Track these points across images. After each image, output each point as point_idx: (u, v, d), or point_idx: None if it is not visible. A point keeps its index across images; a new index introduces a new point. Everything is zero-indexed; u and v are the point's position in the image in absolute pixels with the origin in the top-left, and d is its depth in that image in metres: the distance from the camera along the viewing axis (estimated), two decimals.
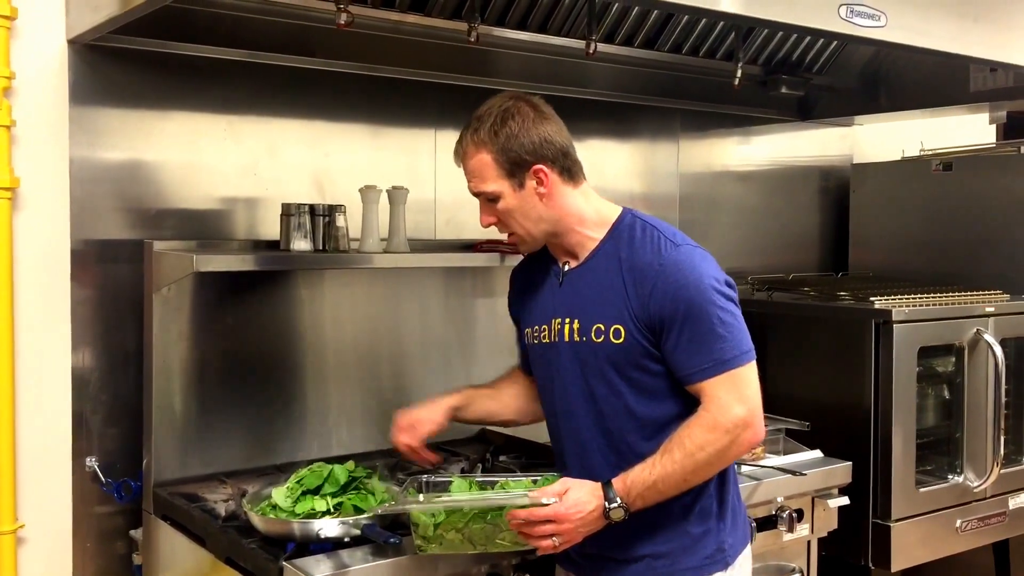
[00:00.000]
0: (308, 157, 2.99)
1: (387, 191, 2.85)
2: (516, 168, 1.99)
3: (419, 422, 2.27)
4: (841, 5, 2.48)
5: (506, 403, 2.36)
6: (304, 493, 2.23)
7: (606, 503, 1.90)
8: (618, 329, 1.97)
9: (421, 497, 2.03)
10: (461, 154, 2.06)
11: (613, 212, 2.08)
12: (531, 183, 2.00)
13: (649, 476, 1.90)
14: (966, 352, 3.41)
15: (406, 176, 3.06)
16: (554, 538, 1.91)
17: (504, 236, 2.16)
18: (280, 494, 2.24)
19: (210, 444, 2.74)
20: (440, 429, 2.29)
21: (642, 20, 3.31)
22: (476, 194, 2.06)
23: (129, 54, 2.68)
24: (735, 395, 1.89)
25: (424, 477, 2.14)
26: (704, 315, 1.90)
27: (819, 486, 2.87)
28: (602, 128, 3.66)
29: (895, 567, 3.21)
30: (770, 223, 4.23)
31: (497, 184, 2.01)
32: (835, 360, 3.36)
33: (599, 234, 2.05)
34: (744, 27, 3.40)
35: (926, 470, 3.42)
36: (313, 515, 2.17)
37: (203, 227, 2.82)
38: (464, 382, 3.21)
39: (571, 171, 2.04)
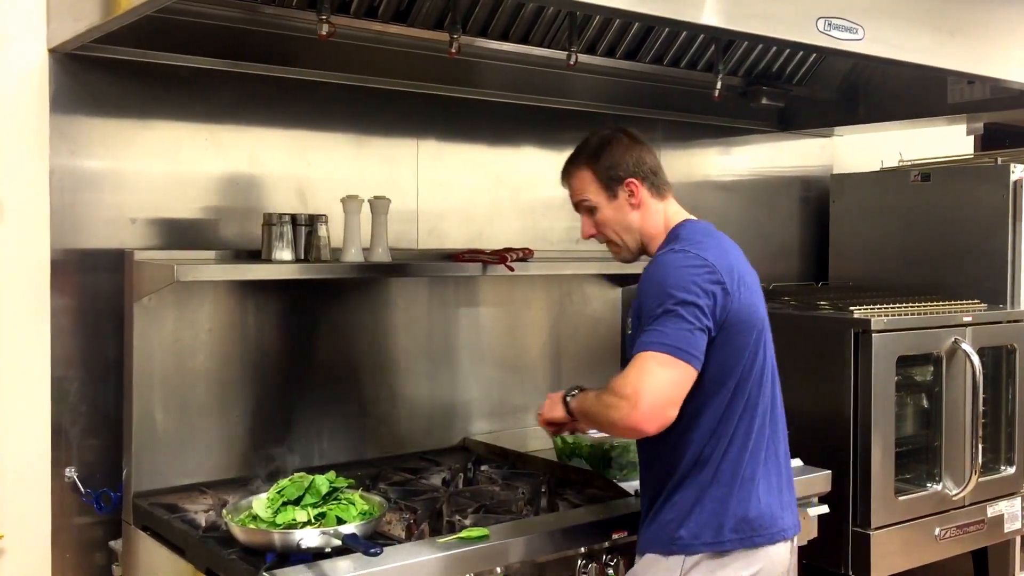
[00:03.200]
0: (290, 167, 2.99)
1: (369, 201, 2.86)
2: (611, 182, 2.29)
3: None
4: (819, 18, 2.51)
5: None
6: (285, 504, 2.22)
7: (567, 392, 2.35)
8: (629, 334, 2.25)
9: None
10: (566, 173, 2.38)
11: (676, 221, 2.31)
12: (624, 194, 2.29)
13: (590, 392, 2.26)
14: (944, 361, 3.44)
15: (388, 186, 3.06)
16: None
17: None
18: (261, 505, 2.24)
19: (190, 454, 2.73)
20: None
21: (623, 32, 3.33)
22: (577, 205, 2.37)
23: (110, 63, 2.68)
24: (635, 375, 2.03)
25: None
26: (644, 312, 2.10)
27: (799, 494, 2.84)
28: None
29: (875, 575, 3.23)
30: (751, 233, 4.25)
31: (596, 196, 2.32)
32: (815, 369, 3.38)
33: (661, 243, 2.31)
34: (724, 39, 3.42)
35: (905, 478, 3.44)
36: (294, 525, 2.17)
37: (184, 237, 2.82)
38: (447, 391, 3.25)
39: (659, 188, 2.32)
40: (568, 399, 2.34)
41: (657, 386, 2.02)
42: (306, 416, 2.96)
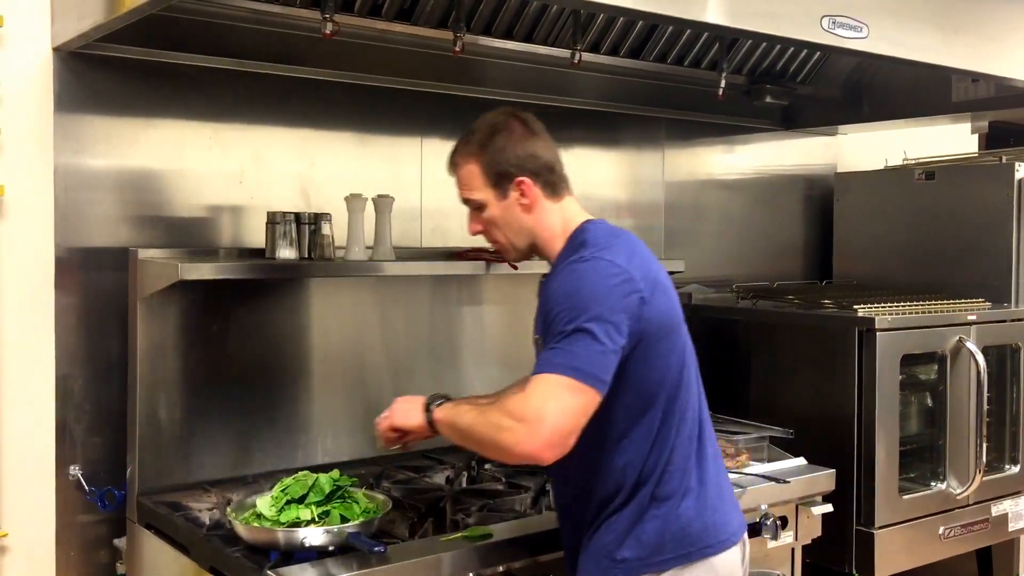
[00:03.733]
0: (294, 165, 2.99)
1: (373, 199, 2.86)
2: (501, 179, 2.07)
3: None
4: (824, 16, 2.51)
5: None
6: (289, 502, 2.23)
7: (429, 400, 2.11)
8: (537, 339, 2.05)
9: None
10: (453, 164, 2.16)
11: (574, 224, 2.11)
12: (514, 194, 2.08)
13: (464, 404, 2.07)
14: (948, 360, 3.43)
15: (392, 184, 3.06)
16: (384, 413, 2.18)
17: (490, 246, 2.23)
18: (265, 503, 2.24)
19: (194, 453, 2.73)
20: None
21: (627, 30, 3.33)
22: (465, 202, 2.15)
23: (115, 62, 2.68)
24: (539, 398, 1.84)
25: None
26: (555, 323, 1.90)
27: (803, 493, 2.88)
28: (587, 137, 3.67)
29: (879, 574, 3.23)
30: (754, 231, 4.26)
31: (483, 193, 2.10)
32: (819, 368, 3.38)
33: (561, 247, 2.10)
34: (728, 38, 3.42)
35: (909, 477, 3.44)
36: (298, 524, 2.17)
37: (188, 235, 2.82)
38: (451, 390, 3.21)
39: (554, 186, 2.11)
40: (432, 407, 2.10)
41: (563, 413, 1.83)
42: (310, 414, 2.96)
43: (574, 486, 2.08)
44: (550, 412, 1.83)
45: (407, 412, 2.13)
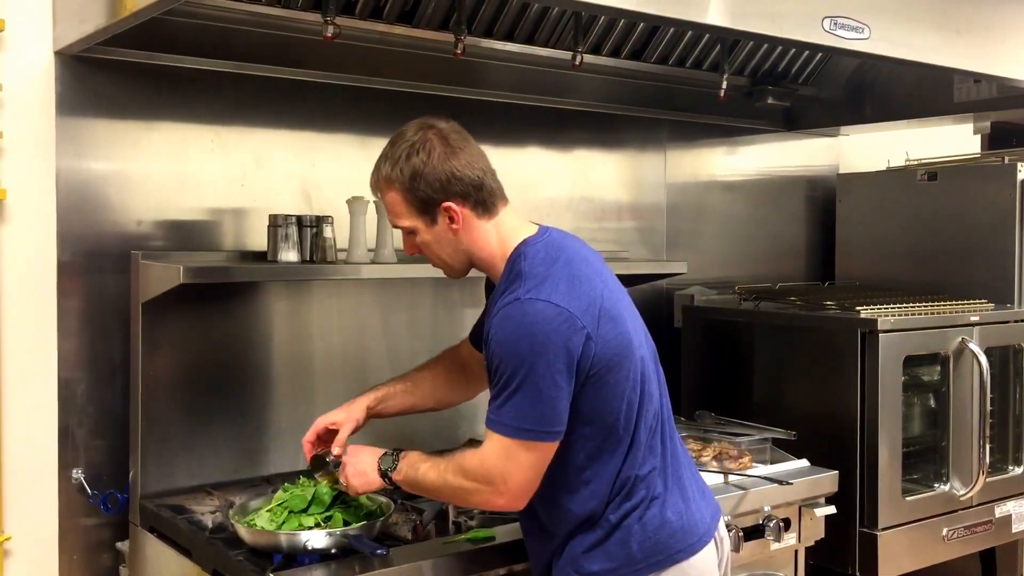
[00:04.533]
0: (295, 168, 2.99)
1: (374, 202, 2.85)
2: (426, 206, 1.98)
3: (339, 424, 2.26)
4: (825, 18, 2.51)
5: (424, 395, 2.40)
6: (291, 513, 2.22)
7: (383, 454, 2.09)
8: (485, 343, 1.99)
9: None
10: (374, 189, 2.07)
11: (512, 244, 2.02)
12: (443, 219, 1.98)
13: (421, 464, 2.02)
14: (951, 361, 3.43)
15: None
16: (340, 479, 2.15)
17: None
18: (264, 519, 2.22)
19: (197, 456, 2.74)
20: (359, 427, 2.30)
21: (628, 32, 3.33)
22: (394, 226, 2.07)
23: (116, 65, 2.68)
24: (499, 462, 1.89)
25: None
26: (497, 368, 1.87)
27: (806, 495, 2.87)
28: (589, 138, 3.67)
29: None
30: (757, 233, 4.25)
31: (411, 220, 2.01)
32: (821, 369, 3.38)
33: (502, 267, 2.03)
34: (730, 39, 3.42)
35: (912, 479, 3.43)
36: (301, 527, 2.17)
37: (190, 238, 2.82)
38: None
39: (485, 204, 2.00)
40: (388, 472, 2.05)
41: (522, 469, 1.88)
42: (313, 416, 2.93)
43: (540, 518, 2.05)
44: (510, 472, 1.88)
45: (365, 478, 2.09)
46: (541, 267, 1.93)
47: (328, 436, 2.26)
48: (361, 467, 2.10)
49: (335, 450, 2.19)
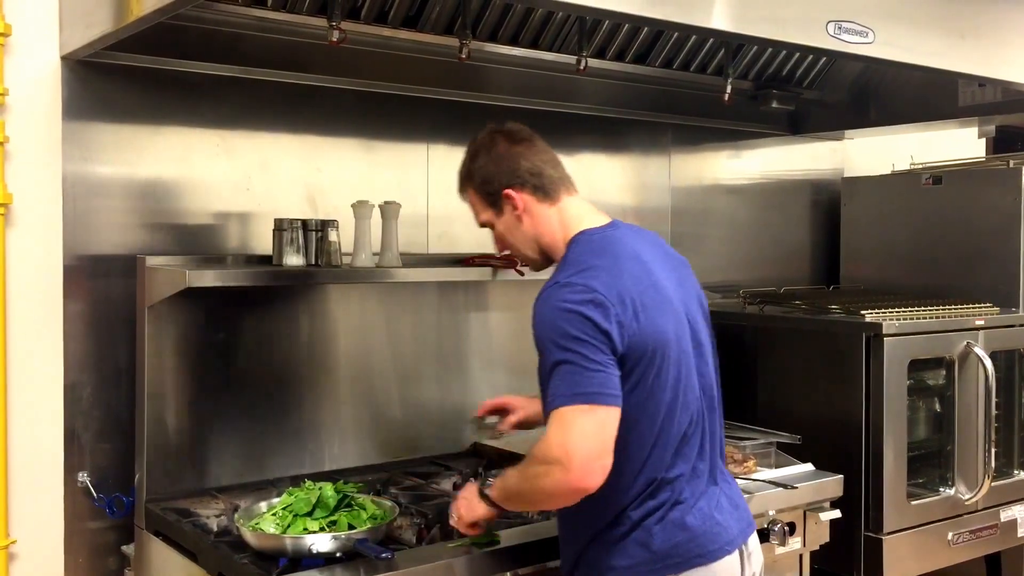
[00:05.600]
0: (301, 172, 3.00)
1: (379, 206, 2.86)
2: (492, 197, 2.13)
3: (514, 408, 2.52)
4: (829, 22, 2.50)
5: None
6: (296, 516, 2.23)
7: (482, 486, 2.15)
8: None
9: None
10: (460, 194, 2.24)
11: (573, 231, 2.10)
12: (507, 207, 2.12)
13: (508, 473, 2.06)
14: (956, 365, 3.42)
15: (398, 191, 3.07)
16: (452, 513, 2.20)
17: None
18: (268, 523, 2.23)
19: (202, 459, 2.74)
20: (526, 421, 2.53)
21: (633, 36, 3.33)
22: (481, 226, 2.22)
23: (122, 70, 2.69)
24: (559, 436, 1.86)
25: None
26: (540, 352, 1.93)
27: (811, 499, 2.87)
28: (594, 142, 3.68)
29: None
30: (761, 236, 4.25)
31: (486, 214, 2.18)
32: (826, 373, 3.37)
33: (563, 253, 2.11)
34: (734, 43, 3.42)
35: (917, 483, 3.42)
36: (305, 531, 2.17)
37: (196, 242, 2.83)
38: (457, 396, 3.24)
39: (545, 190, 2.11)
40: (484, 491, 2.12)
41: (585, 438, 1.85)
42: (317, 420, 2.96)
43: (570, 514, 2.05)
44: (573, 443, 1.84)
45: (470, 506, 2.15)
46: (587, 256, 2.00)
47: (503, 412, 2.52)
48: (467, 496, 2.17)
49: (495, 422, 2.49)
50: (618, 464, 1.92)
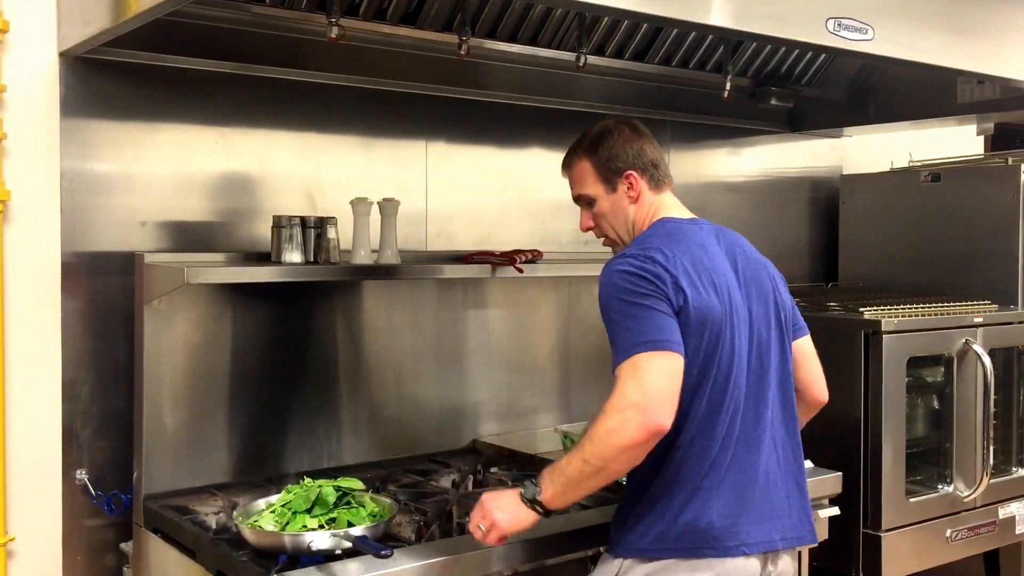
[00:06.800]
0: (299, 169, 2.99)
1: (378, 203, 2.86)
2: (611, 174, 2.24)
3: None
4: (829, 19, 2.50)
5: None
6: (295, 514, 2.23)
7: (523, 488, 2.06)
8: None
9: None
10: (566, 164, 2.34)
11: (657, 218, 2.24)
12: (623, 187, 2.24)
13: (559, 459, 2.03)
14: (955, 362, 3.43)
15: (397, 188, 3.07)
16: (480, 526, 2.08)
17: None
18: (267, 520, 2.23)
19: (201, 456, 2.74)
20: None
21: (632, 33, 3.33)
22: (576, 198, 2.32)
23: (120, 67, 2.69)
24: (632, 380, 1.91)
25: None
26: (607, 316, 2.02)
27: (809, 496, 2.86)
28: None
29: None
30: (760, 234, 4.21)
31: (594, 188, 2.27)
32: (825, 370, 3.34)
33: None
34: (733, 40, 3.42)
35: (916, 480, 3.43)
36: (305, 528, 2.17)
37: (194, 239, 2.82)
38: (456, 393, 3.25)
39: (657, 180, 2.27)
40: (535, 497, 2.02)
41: (656, 377, 1.91)
42: (316, 418, 2.96)
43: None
44: (646, 383, 1.90)
45: (514, 516, 2.05)
46: (656, 238, 2.12)
47: None
48: (507, 507, 2.06)
49: None
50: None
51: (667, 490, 2.04)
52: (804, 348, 2.36)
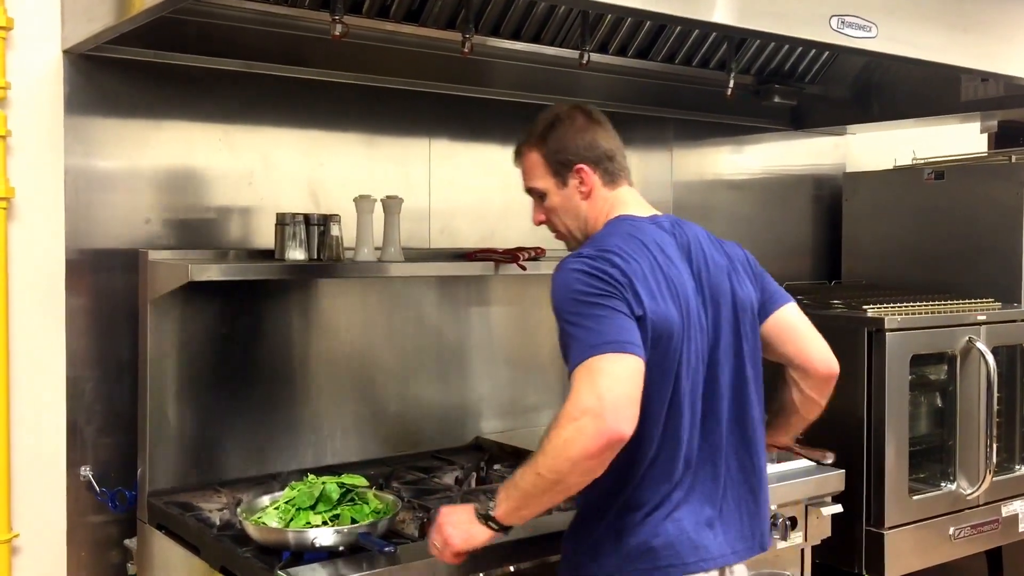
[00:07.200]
0: (303, 166, 3.00)
1: (381, 200, 2.86)
2: (560, 167, 2.11)
3: None
4: (832, 16, 2.50)
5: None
6: (298, 510, 2.23)
7: (478, 505, 1.95)
8: None
9: None
10: (517, 154, 2.21)
11: (614, 215, 2.10)
12: (573, 182, 2.11)
13: (512, 478, 1.90)
14: (958, 360, 3.43)
15: (400, 185, 3.07)
16: (435, 543, 2.00)
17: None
18: (271, 517, 2.23)
19: (205, 453, 2.74)
20: None
21: (635, 30, 3.33)
22: (528, 191, 2.20)
23: (124, 64, 2.69)
24: (588, 385, 1.76)
25: None
26: (560, 318, 1.88)
27: (812, 494, 2.87)
28: None
29: (889, 575, 3.22)
30: (763, 232, 4.25)
31: (544, 181, 2.14)
32: None
33: None
34: (736, 38, 3.42)
35: (919, 478, 3.43)
36: (308, 525, 2.18)
37: (198, 236, 2.83)
38: (459, 391, 3.25)
39: (611, 174, 2.13)
40: (488, 512, 1.91)
41: (618, 383, 1.76)
42: (319, 414, 2.96)
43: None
44: (603, 388, 1.74)
45: (466, 534, 1.95)
46: (614, 237, 1.99)
47: None
48: (460, 523, 1.96)
49: None
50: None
51: (624, 508, 1.93)
52: (787, 319, 2.21)
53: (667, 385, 1.92)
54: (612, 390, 1.75)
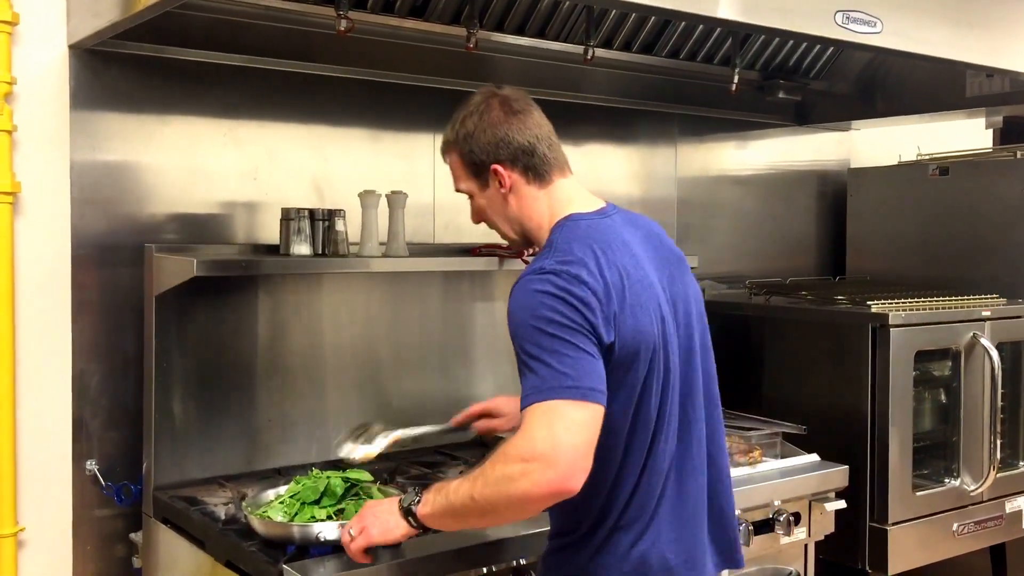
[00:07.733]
0: (308, 161, 3.00)
1: (386, 195, 2.86)
2: (478, 168, 1.95)
3: (497, 413, 2.48)
4: (837, 12, 2.50)
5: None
6: (303, 504, 2.24)
7: (404, 495, 1.91)
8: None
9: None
10: (441, 153, 2.06)
11: (561, 215, 1.92)
12: (494, 183, 1.94)
13: (448, 485, 1.82)
14: (963, 356, 3.42)
15: (405, 180, 3.07)
16: (350, 531, 1.95)
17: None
18: (276, 511, 2.24)
19: (210, 447, 2.75)
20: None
21: (640, 25, 3.33)
22: (457, 191, 2.05)
23: (130, 59, 2.70)
24: (545, 429, 1.65)
25: None
26: (519, 344, 1.74)
27: (816, 489, 2.88)
28: (600, 133, 3.67)
29: (892, 571, 3.22)
30: (768, 227, 4.25)
31: (466, 183, 2.00)
32: (832, 364, 3.37)
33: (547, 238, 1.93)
34: (741, 33, 3.41)
35: (923, 474, 3.43)
36: (313, 519, 2.18)
37: (203, 231, 2.83)
38: (463, 385, 3.25)
39: (536, 170, 1.93)
40: (411, 506, 1.85)
41: (573, 434, 1.64)
42: (324, 409, 2.97)
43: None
44: (558, 436, 1.64)
45: (385, 525, 1.89)
46: (573, 244, 1.81)
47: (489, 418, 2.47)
48: (382, 514, 1.91)
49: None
50: (592, 475, 1.70)
51: (609, 534, 1.83)
52: None
53: (649, 401, 1.82)
54: (571, 440, 1.65)
